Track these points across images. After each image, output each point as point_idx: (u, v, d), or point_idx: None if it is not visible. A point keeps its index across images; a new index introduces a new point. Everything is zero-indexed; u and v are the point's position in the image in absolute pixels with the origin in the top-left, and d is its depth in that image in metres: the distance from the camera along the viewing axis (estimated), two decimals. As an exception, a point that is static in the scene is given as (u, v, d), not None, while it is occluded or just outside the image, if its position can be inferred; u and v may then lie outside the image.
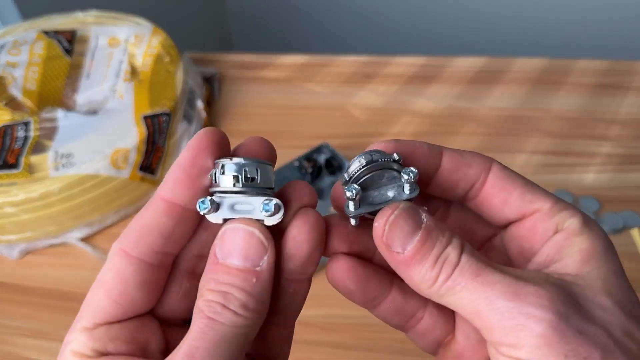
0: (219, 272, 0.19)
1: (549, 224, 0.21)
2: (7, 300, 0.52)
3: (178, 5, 1.36)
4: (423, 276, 0.20)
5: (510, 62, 0.74)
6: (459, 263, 0.19)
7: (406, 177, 0.21)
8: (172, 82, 0.63)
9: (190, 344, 0.18)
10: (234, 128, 0.68)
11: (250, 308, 0.19)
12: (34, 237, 0.55)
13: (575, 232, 0.20)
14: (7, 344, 0.48)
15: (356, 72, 0.74)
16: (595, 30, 1.31)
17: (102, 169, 0.54)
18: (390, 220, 0.20)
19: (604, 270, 0.19)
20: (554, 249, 0.21)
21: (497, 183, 0.22)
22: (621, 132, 0.64)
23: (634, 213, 0.54)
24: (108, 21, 0.70)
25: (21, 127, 0.56)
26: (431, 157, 0.22)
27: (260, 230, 0.20)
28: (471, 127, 0.66)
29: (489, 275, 0.19)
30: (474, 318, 0.19)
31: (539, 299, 0.18)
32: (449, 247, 0.20)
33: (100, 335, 0.20)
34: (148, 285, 0.20)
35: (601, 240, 0.20)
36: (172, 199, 0.20)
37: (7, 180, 0.53)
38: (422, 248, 0.20)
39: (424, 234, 0.20)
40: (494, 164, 0.22)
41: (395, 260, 0.20)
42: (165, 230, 0.20)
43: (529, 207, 0.21)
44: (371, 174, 0.21)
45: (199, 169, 0.20)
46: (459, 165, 0.22)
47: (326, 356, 0.45)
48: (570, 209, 0.21)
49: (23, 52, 0.64)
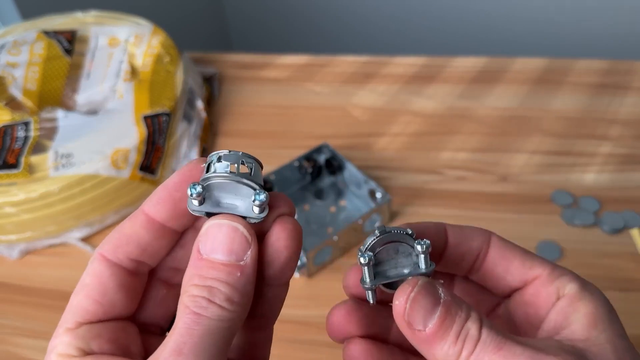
0: (203, 267, 0.20)
1: (550, 289, 0.22)
2: (6, 300, 0.52)
3: (178, 6, 1.36)
4: (446, 352, 0.20)
5: (511, 62, 0.74)
6: (480, 338, 0.20)
7: (419, 248, 0.21)
8: (172, 82, 0.63)
9: (178, 340, 0.19)
10: (233, 128, 0.68)
11: (235, 301, 0.19)
12: (34, 237, 0.55)
13: (578, 297, 0.22)
14: (6, 344, 0.48)
15: (356, 72, 0.74)
16: (595, 30, 1.31)
17: (102, 169, 0.54)
18: (412, 298, 0.20)
19: (610, 333, 0.21)
20: (560, 315, 0.22)
21: (498, 252, 0.23)
22: (621, 131, 0.64)
23: (634, 213, 0.54)
24: (108, 21, 0.70)
25: (21, 127, 0.56)
26: (439, 234, 0.23)
27: (243, 226, 0.20)
28: (471, 127, 0.65)
29: (511, 348, 0.19)
30: None
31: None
32: (468, 321, 0.20)
33: (83, 334, 0.20)
34: (126, 288, 0.21)
35: (601, 303, 0.22)
36: (152, 215, 0.21)
37: (7, 180, 0.53)
38: (443, 324, 0.20)
39: (443, 310, 0.20)
40: (492, 235, 0.24)
41: (417, 338, 0.21)
42: (143, 241, 0.21)
43: (530, 273, 0.23)
44: (385, 246, 0.22)
45: (182, 195, 0.21)
46: (462, 239, 0.24)
47: (326, 356, 0.45)
48: (569, 274, 0.23)
49: (23, 52, 0.64)
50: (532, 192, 0.57)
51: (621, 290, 0.49)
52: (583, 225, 0.54)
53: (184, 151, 0.62)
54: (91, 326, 0.21)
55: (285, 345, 0.46)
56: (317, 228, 0.54)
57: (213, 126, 0.68)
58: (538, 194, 0.57)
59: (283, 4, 1.55)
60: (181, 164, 0.62)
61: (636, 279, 0.49)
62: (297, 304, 0.49)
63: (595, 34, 1.31)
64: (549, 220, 0.54)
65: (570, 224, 0.54)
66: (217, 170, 0.20)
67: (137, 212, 0.21)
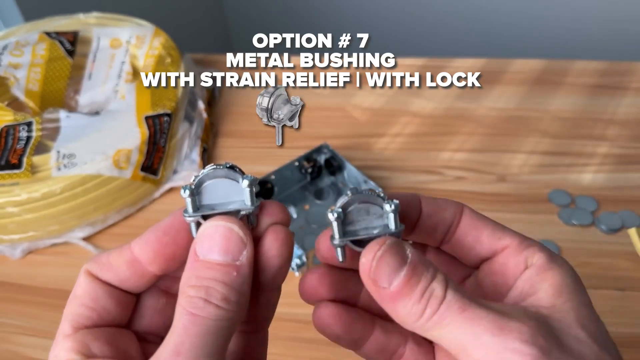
0: (199, 268, 0.20)
1: (519, 259, 0.23)
2: (9, 299, 0.52)
3: (179, 7, 1.36)
4: (409, 310, 0.20)
5: (509, 63, 0.75)
6: (445, 298, 0.20)
7: (388, 207, 0.22)
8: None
9: (176, 340, 0.19)
10: (234, 128, 0.69)
11: (231, 300, 0.20)
12: (36, 237, 0.55)
13: (545, 267, 0.22)
14: (9, 342, 0.49)
15: (356, 73, 0.74)
16: (594, 30, 1.32)
17: (104, 169, 0.54)
18: (378, 256, 0.21)
19: (575, 303, 0.21)
20: (527, 283, 0.22)
21: (470, 223, 0.24)
22: (619, 132, 0.64)
23: (632, 213, 0.54)
24: (110, 22, 0.71)
25: (23, 128, 0.56)
26: (413, 203, 0.24)
27: (239, 226, 0.21)
28: (470, 127, 0.66)
29: (475, 310, 0.20)
30: (459, 352, 0.20)
31: (523, 334, 0.19)
32: (434, 282, 0.20)
33: (82, 338, 0.21)
34: (116, 298, 0.22)
35: (569, 274, 0.22)
36: (137, 255, 0.22)
37: (10, 180, 0.53)
38: (409, 283, 0.20)
39: (409, 269, 0.20)
40: (465, 207, 0.24)
41: (381, 296, 0.21)
42: (123, 276, 0.22)
43: (499, 243, 0.23)
44: (357, 206, 0.23)
45: (170, 239, 0.22)
46: (436, 210, 0.24)
47: (326, 354, 0.46)
48: (537, 245, 0.23)
49: (25, 53, 0.64)
50: (530, 192, 0.58)
51: (618, 290, 0.49)
52: (580, 225, 0.54)
53: (185, 151, 0.62)
54: (89, 330, 0.21)
55: (285, 343, 0.47)
56: (317, 228, 0.54)
57: (214, 127, 0.69)
58: (536, 194, 0.57)
59: (282, 7, 1.55)
60: (182, 164, 0.62)
61: (633, 278, 0.50)
62: (297, 302, 0.49)
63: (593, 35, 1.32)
64: (547, 220, 0.55)
65: (568, 224, 0.54)
66: (207, 169, 0.22)
67: (127, 247, 0.22)
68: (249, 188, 0.22)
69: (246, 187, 0.22)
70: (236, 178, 0.22)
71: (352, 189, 0.23)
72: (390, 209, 0.22)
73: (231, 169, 0.22)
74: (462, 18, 1.42)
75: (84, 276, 0.22)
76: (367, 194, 0.23)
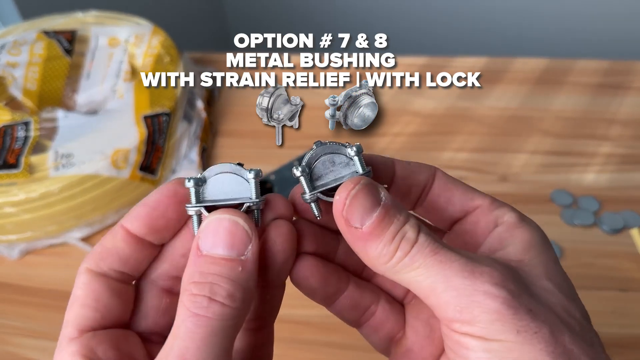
0: (203, 263, 0.20)
1: (489, 218, 0.23)
2: (7, 300, 0.52)
3: (178, 6, 1.36)
4: (380, 252, 0.20)
5: (511, 62, 0.75)
6: (417, 241, 0.20)
7: (351, 151, 0.22)
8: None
9: (180, 345, 0.18)
10: (233, 128, 0.68)
11: (237, 297, 0.19)
12: (34, 237, 0.55)
13: (515, 225, 0.22)
14: (7, 344, 0.48)
15: (356, 73, 0.74)
16: (595, 30, 1.31)
17: (103, 169, 0.54)
18: (352, 195, 0.21)
19: (543, 258, 0.21)
20: (496, 239, 0.22)
21: (442, 185, 0.24)
22: (621, 132, 0.64)
23: (634, 213, 0.54)
24: (108, 21, 0.70)
25: (21, 127, 0.56)
26: (386, 167, 0.24)
27: (244, 220, 0.20)
28: (471, 127, 0.66)
29: (446, 254, 0.20)
30: (429, 295, 0.20)
31: (493, 277, 0.19)
32: (406, 225, 0.20)
33: (87, 342, 0.20)
34: (117, 294, 0.22)
35: (538, 232, 0.22)
36: (130, 229, 0.22)
37: (7, 180, 0.53)
38: (381, 224, 0.20)
39: (382, 211, 0.20)
40: (438, 170, 0.24)
41: (353, 236, 0.21)
42: (123, 254, 0.22)
43: (471, 203, 0.23)
44: (321, 159, 0.23)
45: (160, 212, 0.22)
46: (409, 172, 0.24)
47: (326, 356, 0.45)
48: (507, 206, 0.23)
49: (23, 52, 0.64)
50: (532, 192, 0.57)
51: (620, 290, 0.49)
52: (582, 226, 0.54)
53: (184, 151, 0.62)
54: (93, 333, 0.20)
55: (284, 345, 0.46)
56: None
57: (213, 126, 0.68)
58: (538, 194, 0.57)
59: (282, 6, 1.55)
60: (181, 164, 0.62)
61: (635, 278, 0.49)
62: (296, 303, 0.49)
63: (596, 34, 1.31)
64: (549, 220, 0.54)
65: (570, 224, 0.54)
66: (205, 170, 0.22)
67: (117, 227, 0.22)
68: (255, 180, 0.22)
69: (252, 179, 0.22)
70: (242, 174, 0.22)
71: (316, 142, 0.23)
72: (354, 152, 0.22)
73: (239, 165, 0.22)
74: (463, 16, 1.41)
75: (84, 274, 0.21)
76: (331, 145, 0.23)
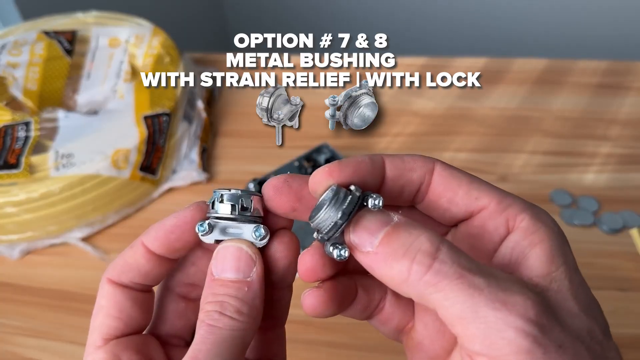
0: (215, 286, 0.22)
1: (498, 221, 0.21)
2: (8, 300, 0.52)
3: (178, 6, 1.36)
4: (397, 268, 0.19)
5: (511, 63, 0.75)
6: (437, 256, 0.19)
7: (372, 203, 0.21)
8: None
9: (193, 348, 0.21)
10: (234, 128, 0.68)
11: (244, 313, 0.22)
12: (35, 237, 0.55)
13: (531, 230, 0.21)
14: (7, 343, 0.49)
15: (356, 73, 0.74)
16: (595, 30, 1.31)
17: (103, 169, 0.54)
18: (355, 221, 0.21)
19: (567, 267, 0.20)
20: (513, 249, 0.21)
21: (442, 182, 0.22)
22: (621, 132, 0.64)
23: (634, 213, 0.54)
24: (108, 22, 0.70)
25: (22, 127, 0.56)
26: (375, 169, 0.23)
27: (248, 246, 0.23)
28: (471, 127, 0.66)
29: (474, 278, 0.18)
30: (456, 324, 0.19)
31: (527, 311, 0.18)
32: (421, 237, 0.20)
33: (112, 349, 0.23)
34: (138, 303, 0.24)
35: (556, 233, 0.21)
36: (150, 248, 0.24)
37: (8, 180, 0.53)
38: (390, 239, 0.20)
39: (390, 229, 0.20)
40: (436, 164, 0.23)
41: (372, 261, 0.20)
42: (143, 269, 0.24)
43: (476, 204, 0.22)
44: (322, 215, 0.22)
45: (177, 236, 0.23)
46: (401, 171, 0.23)
47: (326, 356, 0.45)
48: (518, 204, 0.21)
49: (24, 52, 0.64)
50: (531, 192, 0.58)
51: (620, 290, 0.49)
52: (582, 225, 0.54)
53: (185, 151, 0.62)
54: (118, 341, 0.23)
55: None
56: (317, 228, 0.54)
57: (213, 126, 0.68)
58: (537, 194, 0.57)
59: (282, 6, 1.55)
60: (181, 164, 0.62)
61: (635, 279, 0.50)
62: (295, 304, 0.49)
63: (595, 34, 1.31)
64: (549, 220, 0.55)
65: (569, 224, 0.54)
66: (219, 210, 0.23)
67: (137, 243, 0.24)
68: (261, 242, 0.23)
69: (259, 241, 0.23)
70: (245, 228, 0.23)
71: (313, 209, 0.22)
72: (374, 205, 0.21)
73: (242, 211, 0.23)
74: (463, 17, 1.41)
75: (107, 285, 0.24)
76: (350, 204, 0.21)
